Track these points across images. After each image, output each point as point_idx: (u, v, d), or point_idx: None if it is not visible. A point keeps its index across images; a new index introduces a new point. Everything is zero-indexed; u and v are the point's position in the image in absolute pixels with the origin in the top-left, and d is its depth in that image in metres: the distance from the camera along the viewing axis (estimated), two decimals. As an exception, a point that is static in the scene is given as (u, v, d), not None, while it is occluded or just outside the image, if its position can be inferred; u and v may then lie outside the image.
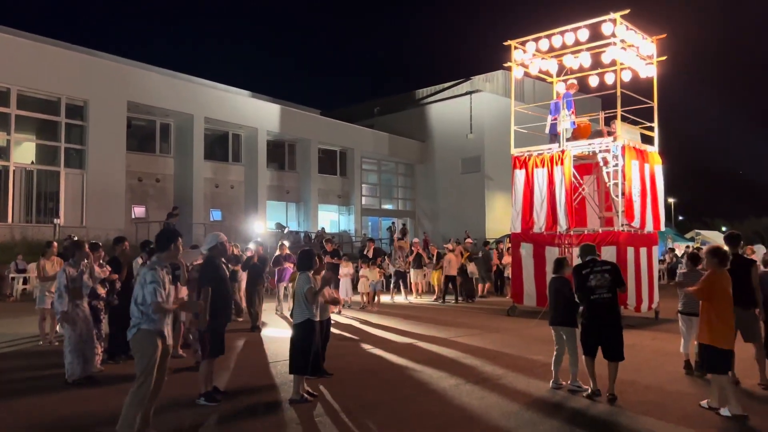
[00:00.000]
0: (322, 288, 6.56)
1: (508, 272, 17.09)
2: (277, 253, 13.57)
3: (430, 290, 18.51)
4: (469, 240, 19.90)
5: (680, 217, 64.70)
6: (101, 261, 8.05)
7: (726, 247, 6.83)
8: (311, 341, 6.30)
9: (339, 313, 13.20)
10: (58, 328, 9.37)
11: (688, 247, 25.55)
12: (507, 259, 16.91)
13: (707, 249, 6.22)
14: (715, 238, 31.18)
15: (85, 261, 7.32)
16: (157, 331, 4.92)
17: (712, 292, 5.87)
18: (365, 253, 16.77)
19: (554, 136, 13.28)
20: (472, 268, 17.17)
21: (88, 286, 7.25)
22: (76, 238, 10.69)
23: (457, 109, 34.25)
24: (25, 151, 21.69)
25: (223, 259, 6.75)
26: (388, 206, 36.87)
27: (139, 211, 24.33)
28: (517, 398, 6.45)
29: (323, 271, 7.17)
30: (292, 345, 6.42)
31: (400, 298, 17.15)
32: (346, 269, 14.30)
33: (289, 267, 12.92)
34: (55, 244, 10.26)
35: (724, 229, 54.78)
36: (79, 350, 6.85)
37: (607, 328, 6.42)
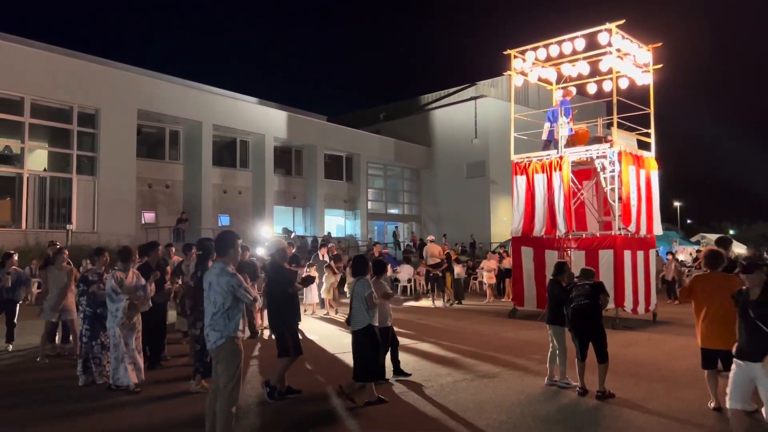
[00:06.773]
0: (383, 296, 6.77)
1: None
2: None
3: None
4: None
5: (688, 221, 64.71)
6: (106, 266, 7.85)
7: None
8: (378, 345, 6.46)
9: (313, 313, 13.83)
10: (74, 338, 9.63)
11: (698, 251, 25.21)
12: (506, 263, 17.08)
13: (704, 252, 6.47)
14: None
15: (131, 273, 7.16)
16: (239, 338, 5.06)
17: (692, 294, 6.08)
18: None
19: (548, 143, 13.59)
20: (459, 270, 17.43)
21: (146, 304, 7.18)
22: (58, 244, 10.95)
23: (462, 114, 34.61)
24: (38, 159, 22.20)
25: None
26: (393, 211, 37.24)
27: (149, 216, 24.80)
28: (511, 394, 6.78)
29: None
30: (357, 352, 6.40)
31: None
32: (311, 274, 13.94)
33: None
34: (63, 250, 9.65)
35: (731, 232, 54.75)
36: (126, 359, 6.80)
37: (588, 331, 6.77)
